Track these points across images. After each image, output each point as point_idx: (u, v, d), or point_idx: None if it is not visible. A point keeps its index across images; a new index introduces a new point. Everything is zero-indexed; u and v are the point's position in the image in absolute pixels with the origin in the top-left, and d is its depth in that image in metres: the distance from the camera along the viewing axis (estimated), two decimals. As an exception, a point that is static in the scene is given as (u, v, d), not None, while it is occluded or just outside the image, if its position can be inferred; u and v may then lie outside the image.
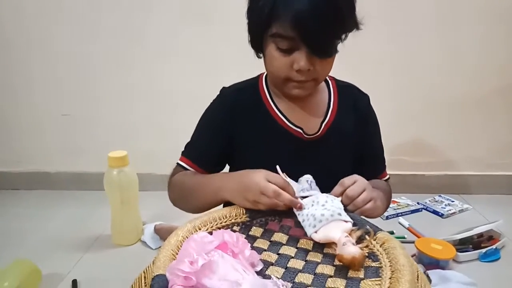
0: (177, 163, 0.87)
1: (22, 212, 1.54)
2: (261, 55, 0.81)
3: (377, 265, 0.56)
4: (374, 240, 0.61)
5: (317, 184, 0.72)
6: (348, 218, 0.62)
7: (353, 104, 0.88)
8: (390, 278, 0.51)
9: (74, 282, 1.06)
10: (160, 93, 1.67)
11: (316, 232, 0.61)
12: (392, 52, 1.60)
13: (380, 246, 0.59)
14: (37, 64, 1.65)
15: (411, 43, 1.59)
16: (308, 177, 0.71)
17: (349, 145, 0.86)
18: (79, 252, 1.24)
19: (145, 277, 0.57)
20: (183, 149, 0.89)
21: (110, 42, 1.61)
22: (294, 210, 0.67)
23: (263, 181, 0.65)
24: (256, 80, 0.88)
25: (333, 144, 0.84)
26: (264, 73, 0.88)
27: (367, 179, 0.78)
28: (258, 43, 0.78)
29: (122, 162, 1.25)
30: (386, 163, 0.95)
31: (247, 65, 0.91)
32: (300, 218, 0.65)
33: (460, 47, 1.59)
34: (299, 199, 0.67)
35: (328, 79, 0.89)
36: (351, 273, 0.56)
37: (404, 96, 1.65)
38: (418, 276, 0.56)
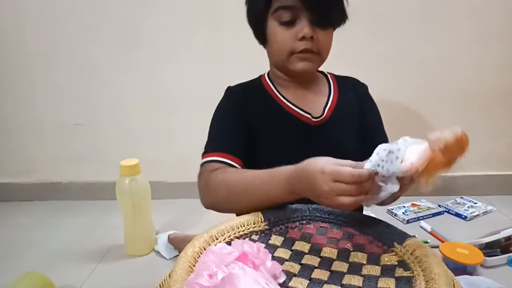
0: (206, 161, 0.80)
1: (34, 223, 1.53)
2: (264, 44, 0.85)
3: (409, 275, 0.52)
4: (404, 247, 0.57)
5: None
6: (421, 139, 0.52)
7: (353, 89, 0.92)
8: (425, 289, 0.47)
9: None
10: (171, 100, 1.66)
11: (401, 162, 0.51)
12: (402, 49, 1.56)
13: (411, 254, 0.55)
14: (45, 74, 1.65)
15: (419, 38, 1.55)
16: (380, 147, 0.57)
17: (355, 125, 0.88)
18: (92, 263, 1.22)
19: (161, 291, 0.54)
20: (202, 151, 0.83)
21: (119, 50, 1.61)
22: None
23: (332, 185, 0.57)
24: (258, 78, 0.92)
25: (339, 126, 0.86)
26: (265, 73, 0.93)
27: None
28: (261, 30, 0.82)
29: (134, 171, 1.22)
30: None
31: (255, 70, 0.95)
32: (379, 178, 0.55)
33: (482, 40, 1.54)
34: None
35: (325, 72, 0.94)
36: (380, 283, 0.52)
37: (420, 95, 1.61)
38: (454, 286, 0.51)
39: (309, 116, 0.84)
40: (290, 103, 0.85)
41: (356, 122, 0.89)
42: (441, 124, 1.66)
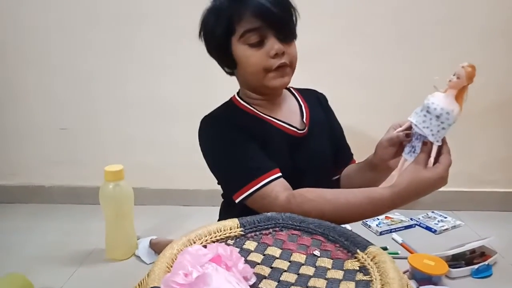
0: (262, 185, 0.78)
1: (16, 225, 1.53)
2: (232, 70, 0.89)
3: (368, 279, 0.58)
4: (365, 254, 0.62)
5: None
6: None
7: (316, 99, 1.00)
8: (380, 291, 0.52)
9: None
10: (157, 108, 1.69)
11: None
12: (382, 68, 1.63)
13: (371, 260, 0.60)
14: (34, 77, 1.67)
15: (401, 56, 1.63)
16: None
17: (328, 133, 0.97)
18: (72, 266, 1.24)
19: (139, 289, 0.58)
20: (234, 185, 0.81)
21: (108, 57, 1.64)
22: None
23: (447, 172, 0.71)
24: (229, 102, 0.93)
25: (317, 136, 0.93)
26: (233, 97, 0.94)
27: (343, 165, 1.01)
28: (227, 57, 0.85)
29: (118, 176, 1.25)
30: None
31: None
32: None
33: (455, 61, 1.61)
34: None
35: (288, 86, 0.96)
36: (342, 286, 0.57)
37: (396, 111, 1.67)
38: (407, 289, 0.57)
39: (295, 129, 0.89)
40: (275, 118, 0.88)
41: (328, 132, 0.97)
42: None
